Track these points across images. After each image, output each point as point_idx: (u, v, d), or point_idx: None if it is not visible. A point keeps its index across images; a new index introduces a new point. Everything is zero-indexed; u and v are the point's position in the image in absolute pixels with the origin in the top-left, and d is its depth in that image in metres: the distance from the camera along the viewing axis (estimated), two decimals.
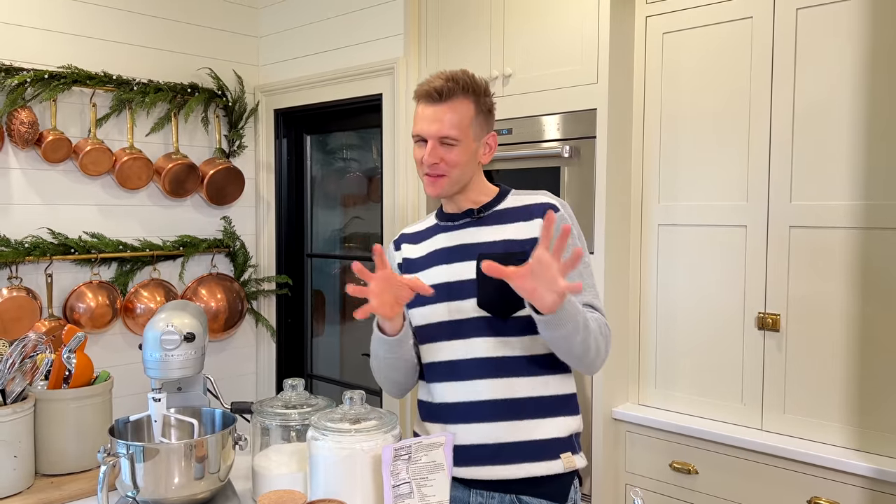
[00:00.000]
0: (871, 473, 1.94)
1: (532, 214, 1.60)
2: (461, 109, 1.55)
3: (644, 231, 2.48)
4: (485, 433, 1.56)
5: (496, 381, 1.56)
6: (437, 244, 1.66)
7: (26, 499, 1.59)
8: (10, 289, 2.82)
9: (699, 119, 2.35)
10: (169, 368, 1.54)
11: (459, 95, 1.55)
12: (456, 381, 1.59)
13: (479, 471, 1.57)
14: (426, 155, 1.56)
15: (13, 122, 2.80)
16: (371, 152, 3.54)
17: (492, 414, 1.56)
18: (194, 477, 1.48)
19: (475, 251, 1.59)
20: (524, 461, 1.56)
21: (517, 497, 1.56)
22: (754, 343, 2.24)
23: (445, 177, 1.57)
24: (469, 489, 1.58)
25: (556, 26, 2.47)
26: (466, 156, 1.57)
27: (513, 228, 1.60)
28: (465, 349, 1.58)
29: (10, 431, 1.59)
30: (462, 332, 1.58)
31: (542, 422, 1.57)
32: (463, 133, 1.56)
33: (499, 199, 1.65)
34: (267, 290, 3.60)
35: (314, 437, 1.48)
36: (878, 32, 2.00)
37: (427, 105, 1.56)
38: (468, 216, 1.64)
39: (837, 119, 2.07)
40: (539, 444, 1.57)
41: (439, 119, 1.54)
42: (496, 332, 1.56)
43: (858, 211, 2.04)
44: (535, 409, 1.57)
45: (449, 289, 1.59)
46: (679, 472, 2.32)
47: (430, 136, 1.55)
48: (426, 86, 1.57)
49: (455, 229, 1.65)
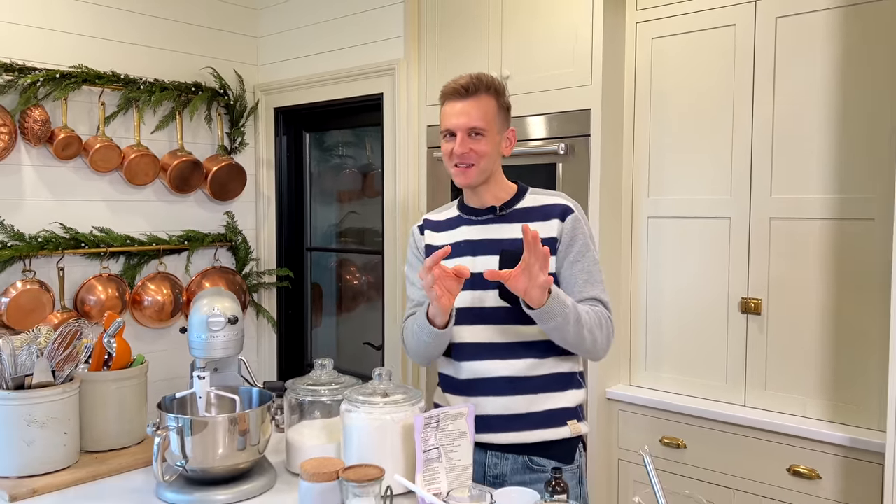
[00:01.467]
0: (845, 442, 2.14)
1: (549, 215, 1.76)
2: (485, 104, 1.72)
3: (635, 223, 2.65)
4: (502, 405, 1.74)
5: (513, 362, 1.74)
6: (461, 236, 1.82)
7: (75, 473, 1.71)
8: (25, 282, 2.91)
9: (686, 119, 2.52)
10: (213, 348, 1.67)
11: (483, 92, 1.72)
12: (477, 361, 1.75)
13: (496, 437, 1.75)
14: (457, 146, 1.71)
15: (26, 120, 2.89)
16: (365, 149, 3.68)
17: (508, 389, 1.74)
18: (237, 448, 1.61)
19: (498, 247, 1.75)
20: (536, 428, 1.74)
21: (528, 458, 1.74)
22: (737, 326, 2.43)
23: (475, 166, 1.72)
24: (485, 451, 1.76)
25: (552, 31, 2.63)
26: (492, 146, 1.73)
27: (534, 227, 1.72)
28: (487, 333, 1.75)
29: (61, 410, 1.71)
30: (484, 318, 1.75)
31: (553, 395, 1.76)
32: (489, 125, 1.72)
33: (518, 196, 1.81)
34: (268, 283, 3.72)
35: (348, 409, 1.62)
36: (850, 40, 2.19)
37: (455, 101, 1.72)
38: (491, 213, 1.80)
39: (813, 119, 2.26)
40: (549, 413, 1.75)
41: (468, 112, 1.70)
42: (514, 321, 1.73)
43: (832, 204, 2.23)
44: (547, 384, 1.76)
45: (473, 279, 1.73)
46: (668, 446, 2.50)
47: (459, 129, 1.71)
48: (453, 85, 1.73)
49: (479, 223, 1.80)
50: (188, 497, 1.58)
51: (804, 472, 2.21)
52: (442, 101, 1.76)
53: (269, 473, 1.69)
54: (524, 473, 1.75)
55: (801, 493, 2.22)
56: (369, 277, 3.67)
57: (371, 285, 3.65)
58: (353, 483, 1.44)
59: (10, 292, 2.87)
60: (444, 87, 1.76)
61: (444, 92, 1.76)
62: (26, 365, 1.71)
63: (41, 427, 1.67)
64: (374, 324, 3.49)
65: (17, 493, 1.60)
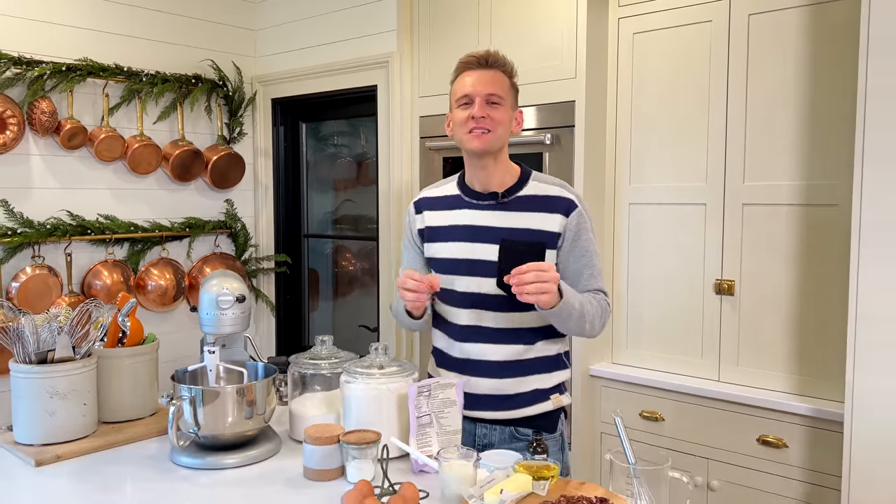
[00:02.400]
0: (810, 413, 2.29)
1: (553, 208, 1.81)
2: (501, 77, 1.80)
3: (617, 209, 2.79)
4: (492, 386, 1.85)
5: (504, 346, 1.84)
6: (461, 219, 1.87)
7: (94, 441, 1.84)
8: (34, 267, 3.03)
9: (665, 110, 2.65)
10: (222, 325, 1.80)
11: (500, 67, 1.80)
12: (471, 343, 1.86)
13: (485, 413, 1.87)
14: (476, 110, 1.76)
15: (34, 111, 3.00)
16: (360, 139, 3.80)
17: (498, 371, 1.85)
18: (245, 417, 1.75)
19: (498, 235, 1.80)
20: (522, 406, 1.86)
21: (515, 429, 1.87)
22: (712, 306, 2.58)
23: (491, 132, 1.77)
24: (475, 423, 1.88)
25: (538, 26, 2.75)
26: (507, 117, 1.80)
27: (536, 218, 1.82)
28: (482, 318, 1.85)
29: (81, 382, 1.84)
30: (481, 303, 1.84)
31: (540, 376, 1.87)
32: (505, 95, 1.79)
33: (521, 182, 1.85)
34: (266, 269, 3.85)
35: (347, 380, 1.77)
36: (819, 37, 2.32)
37: (474, 71, 1.79)
38: (493, 198, 1.84)
39: (783, 110, 2.40)
40: (535, 392, 1.87)
41: (488, 80, 1.77)
42: (509, 308, 1.82)
43: (800, 190, 2.38)
44: (534, 367, 1.87)
45: (471, 265, 1.84)
46: (648, 419, 2.65)
47: (479, 95, 1.76)
48: (473, 56, 1.80)
49: (480, 209, 1.85)
50: (200, 461, 1.71)
51: (772, 441, 2.37)
52: (458, 72, 1.82)
53: (274, 440, 1.84)
54: (511, 442, 1.88)
55: (769, 460, 2.38)
56: (364, 263, 3.80)
57: (366, 271, 3.78)
58: (353, 445, 1.59)
59: (21, 277, 2.99)
60: (461, 59, 1.82)
61: (462, 62, 1.82)
62: (48, 341, 1.84)
63: (63, 398, 1.81)
64: (368, 307, 3.63)
65: (42, 458, 1.74)
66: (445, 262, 1.89)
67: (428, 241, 1.94)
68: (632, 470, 1.41)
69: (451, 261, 1.88)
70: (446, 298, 1.90)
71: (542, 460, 1.55)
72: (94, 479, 1.65)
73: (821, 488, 2.28)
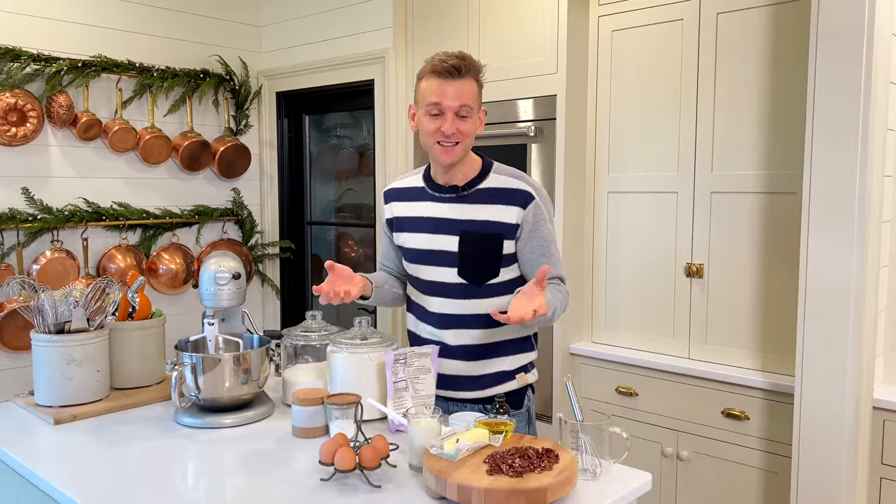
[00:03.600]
0: (768, 387, 2.46)
1: (511, 200, 1.88)
2: (471, 86, 1.83)
3: (596, 197, 2.96)
4: (459, 368, 1.97)
5: (469, 331, 1.94)
6: (424, 211, 1.97)
7: (107, 404, 2.05)
8: (53, 251, 3.25)
9: (640, 103, 2.81)
10: (220, 299, 2.00)
11: (470, 74, 1.82)
12: (436, 328, 1.98)
13: (455, 393, 2.00)
14: (447, 125, 1.80)
15: (52, 105, 3.21)
16: (362, 130, 3.98)
17: (464, 355, 1.96)
18: (241, 382, 1.94)
19: (458, 227, 1.90)
20: (489, 387, 1.97)
21: (483, 406, 1.99)
22: (683, 288, 2.74)
23: (459, 144, 1.83)
24: (447, 402, 2.01)
25: (523, 23, 2.92)
26: (475, 125, 1.86)
27: (492, 210, 1.89)
28: (447, 306, 1.95)
29: (95, 351, 2.04)
30: (443, 291, 1.95)
31: (504, 359, 1.97)
32: (474, 103, 1.83)
33: (482, 175, 1.92)
34: (272, 254, 4.06)
35: (333, 350, 1.96)
36: (781, 35, 2.47)
37: (446, 81, 1.79)
38: (453, 192, 1.92)
39: (747, 105, 2.55)
40: (501, 374, 1.98)
41: (458, 94, 1.79)
42: (470, 296, 1.93)
43: (763, 179, 2.53)
44: (498, 350, 1.97)
45: (432, 255, 1.95)
46: (623, 394, 2.82)
47: (450, 109, 1.80)
48: (444, 64, 1.79)
49: (441, 201, 1.94)
50: (201, 420, 1.91)
51: (736, 413, 2.53)
52: (429, 75, 1.82)
53: (267, 404, 2.03)
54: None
55: (732, 431, 2.55)
56: (366, 249, 3.99)
57: (367, 257, 3.97)
58: (335, 406, 1.77)
59: (41, 260, 3.21)
60: (433, 63, 1.81)
61: (434, 69, 1.81)
62: (65, 314, 2.05)
63: (79, 365, 2.01)
64: None
65: (61, 417, 1.94)
66: (411, 251, 2.01)
67: (396, 230, 2.05)
68: (578, 425, 1.58)
69: (416, 251, 1.99)
70: (416, 285, 2.04)
71: (504, 418, 1.72)
72: (106, 436, 1.85)
73: (777, 456, 2.45)
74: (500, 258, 1.91)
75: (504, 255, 1.91)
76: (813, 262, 2.18)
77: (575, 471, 1.48)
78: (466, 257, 1.92)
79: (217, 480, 1.58)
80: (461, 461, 1.49)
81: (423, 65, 1.88)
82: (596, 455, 1.58)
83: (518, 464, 1.45)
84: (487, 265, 1.91)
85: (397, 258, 2.12)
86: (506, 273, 1.93)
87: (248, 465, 1.66)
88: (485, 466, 1.46)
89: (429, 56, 1.90)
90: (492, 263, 1.91)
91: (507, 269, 1.93)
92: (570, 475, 1.45)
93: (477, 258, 1.90)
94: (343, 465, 1.51)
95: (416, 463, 1.60)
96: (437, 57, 1.85)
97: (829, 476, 2.19)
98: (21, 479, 1.75)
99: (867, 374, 2.23)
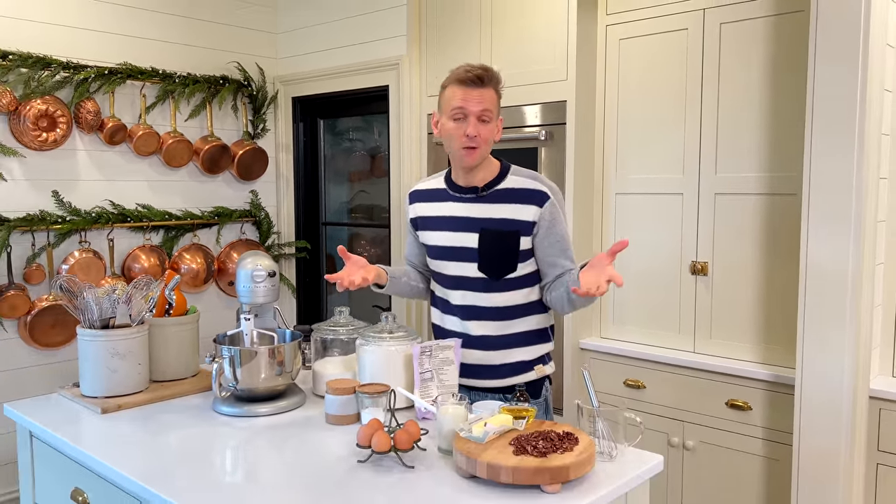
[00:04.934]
0: (770, 378, 2.59)
1: (528, 199, 2.01)
2: (492, 94, 1.98)
3: (605, 199, 3.09)
4: (480, 357, 2.10)
5: (489, 323, 2.08)
6: (446, 211, 2.11)
7: (148, 395, 2.17)
8: (81, 251, 3.38)
9: (647, 109, 2.94)
10: (256, 296, 2.13)
11: (491, 83, 1.98)
12: (459, 319, 2.12)
13: (476, 382, 2.13)
14: (470, 129, 1.94)
15: (80, 111, 3.34)
16: (373, 134, 4.11)
17: (485, 345, 2.09)
18: (275, 374, 2.07)
19: (478, 225, 2.04)
20: (508, 376, 2.11)
21: (503, 396, 2.12)
22: (688, 285, 2.87)
23: (479, 148, 1.97)
24: (468, 391, 2.14)
25: (535, 32, 3.05)
26: (494, 131, 2.01)
27: (510, 209, 2.02)
28: (468, 298, 2.09)
29: (136, 345, 2.17)
30: (464, 285, 2.09)
31: (522, 349, 2.10)
32: (493, 110, 1.98)
33: (500, 177, 2.05)
34: (288, 254, 4.19)
35: (362, 343, 2.09)
36: (781, 44, 2.60)
37: (469, 88, 1.95)
38: (473, 192, 2.06)
39: (749, 110, 2.68)
40: (519, 363, 2.10)
41: (482, 100, 1.95)
42: (490, 289, 2.06)
43: (765, 181, 2.66)
44: (517, 341, 2.09)
45: (454, 251, 2.09)
46: (631, 387, 2.95)
47: (473, 114, 1.95)
48: (469, 73, 1.95)
49: (462, 201, 2.07)
50: (239, 409, 2.04)
51: (739, 404, 2.66)
52: (455, 84, 1.97)
53: (299, 395, 2.16)
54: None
55: (736, 421, 2.68)
56: (377, 249, 4.11)
57: (379, 257, 4.09)
58: (367, 395, 1.90)
59: (69, 260, 3.34)
60: (458, 73, 1.97)
61: (459, 77, 1.97)
62: (108, 310, 2.18)
63: (122, 359, 2.14)
64: None
65: (107, 407, 2.07)
66: (435, 248, 2.14)
67: (420, 229, 2.20)
68: (595, 411, 1.71)
69: (439, 248, 2.13)
70: (439, 280, 2.18)
71: (525, 406, 1.85)
72: (151, 424, 1.98)
73: (779, 444, 2.58)
74: (517, 254, 2.04)
75: (521, 250, 2.04)
76: (812, 259, 2.31)
77: (593, 452, 1.61)
78: (486, 253, 2.05)
79: (260, 462, 1.71)
80: (488, 443, 1.62)
81: (448, 75, 2.03)
82: (612, 439, 1.70)
83: (542, 445, 1.58)
84: (505, 260, 2.04)
85: (420, 254, 2.26)
86: (523, 268, 2.06)
87: (287, 450, 1.78)
88: (511, 448, 1.59)
89: (441, 63, 2.06)
90: (509, 259, 2.04)
91: (523, 264, 2.06)
92: (590, 456, 1.58)
93: (495, 254, 2.04)
94: (379, 447, 1.64)
95: (445, 446, 1.72)
96: (461, 68, 2.00)
97: (828, 463, 2.32)
98: (72, 463, 1.88)
99: (864, 365, 2.36)
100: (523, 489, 1.52)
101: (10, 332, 3.23)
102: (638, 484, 1.64)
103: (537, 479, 1.50)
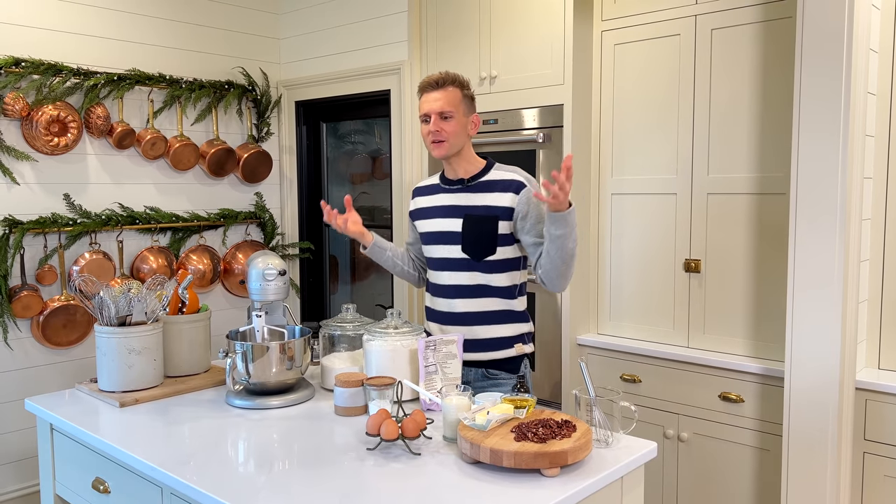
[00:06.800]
0: (762, 372, 2.68)
1: (506, 188, 2.23)
2: (452, 94, 2.22)
3: (601, 199, 3.19)
4: (463, 332, 2.26)
5: (474, 300, 2.28)
6: (437, 201, 2.35)
7: (163, 389, 2.27)
8: (91, 252, 3.47)
9: (641, 112, 3.04)
10: (267, 294, 2.22)
11: (450, 84, 2.23)
12: (445, 298, 2.32)
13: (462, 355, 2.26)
14: (431, 125, 2.22)
15: (90, 116, 3.43)
16: (374, 136, 4.20)
17: (470, 320, 2.28)
18: (286, 368, 2.16)
19: (462, 212, 2.28)
20: (490, 350, 2.29)
21: (486, 370, 2.29)
22: (682, 282, 2.97)
23: (445, 142, 2.22)
24: None
25: (532, 38, 3.14)
26: (459, 127, 2.23)
27: (490, 197, 2.25)
28: (455, 277, 2.30)
29: (152, 342, 2.26)
30: (450, 266, 2.30)
31: (502, 326, 2.29)
32: (455, 109, 2.21)
33: (485, 170, 2.29)
34: (292, 255, 4.28)
35: (368, 338, 2.18)
36: (769, 49, 2.70)
37: (428, 93, 2.23)
38: (460, 184, 2.31)
39: (740, 112, 2.78)
40: (500, 339, 2.29)
41: (438, 100, 2.21)
42: (473, 269, 2.27)
43: (755, 181, 2.76)
44: (498, 318, 2.28)
45: (442, 236, 2.31)
46: (627, 381, 3.05)
47: (433, 112, 2.21)
48: (427, 80, 2.24)
49: (451, 192, 2.32)
50: (251, 402, 2.13)
51: (732, 397, 2.76)
52: (419, 93, 2.26)
53: (308, 388, 2.25)
54: (483, 380, 2.30)
55: (729, 413, 2.77)
56: None
57: None
58: (374, 387, 1.99)
59: (80, 261, 3.43)
60: (420, 83, 2.26)
61: (420, 86, 2.26)
62: (124, 308, 2.27)
63: (138, 354, 2.23)
64: (384, 289, 4.04)
65: (125, 401, 2.16)
66: (426, 234, 2.37)
67: (417, 219, 2.43)
68: (592, 400, 1.81)
69: (429, 233, 2.36)
70: (431, 265, 2.38)
71: (524, 395, 1.94)
72: (168, 417, 2.07)
73: (769, 435, 2.67)
74: (496, 237, 2.23)
75: (500, 234, 2.24)
76: (800, 256, 2.41)
77: (590, 438, 1.70)
78: (468, 236, 2.27)
79: (273, 450, 1.80)
80: (491, 431, 1.71)
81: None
82: (607, 427, 1.80)
83: (541, 432, 1.67)
84: (485, 243, 2.25)
85: (414, 241, 2.51)
86: (502, 252, 2.26)
87: (299, 439, 1.88)
88: (512, 435, 1.68)
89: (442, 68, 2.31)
90: (489, 242, 2.25)
91: (503, 248, 2.25)
92: (587, 442, 1.67)
93: (476, 237, 2.25)
94: (388, 435, 1.73)
95: (450, 434, 1.82)
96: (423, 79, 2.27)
97: (817, 452, 2.42)
98: (93, 454, 1.97)
99: (850, 358, 2.46)
100: (524, 473, 1.62)
101: (23, 332, 3.32)
102: (633, 469, 1.74)
103: (537, 464, 1.59)
